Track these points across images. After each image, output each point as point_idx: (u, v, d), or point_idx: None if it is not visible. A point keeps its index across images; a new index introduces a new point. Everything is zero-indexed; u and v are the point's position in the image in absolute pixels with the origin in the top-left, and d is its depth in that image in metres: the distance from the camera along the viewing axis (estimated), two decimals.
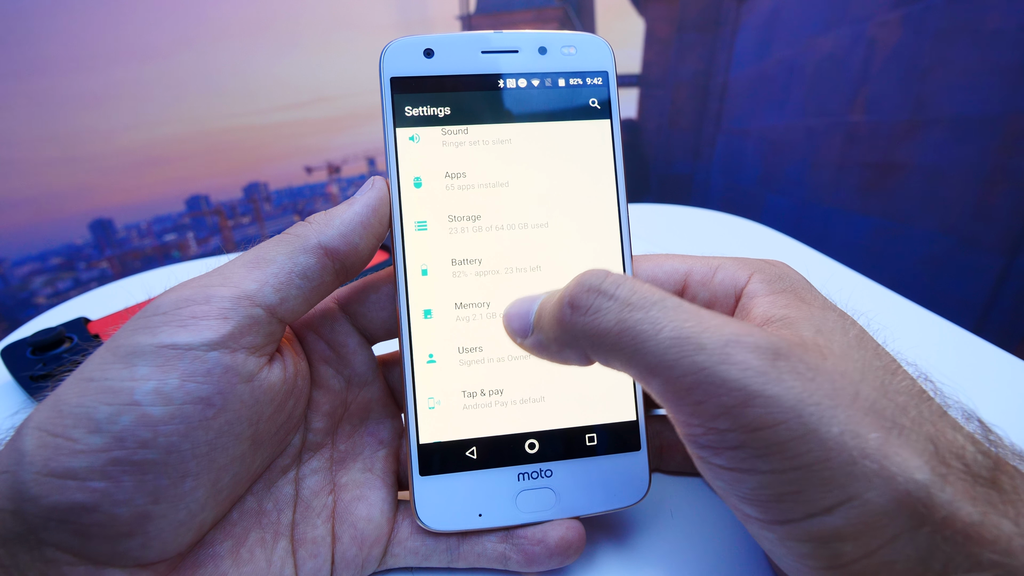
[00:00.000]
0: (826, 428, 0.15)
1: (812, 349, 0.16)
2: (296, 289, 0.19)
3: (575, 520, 0.22)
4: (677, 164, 1.20)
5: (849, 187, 0.91)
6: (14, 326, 0.41)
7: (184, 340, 0.17)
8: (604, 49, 0.23)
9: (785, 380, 0.15)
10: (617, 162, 0.23)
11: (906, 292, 0.40)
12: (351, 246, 0.20)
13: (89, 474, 0.15)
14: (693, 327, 0.16)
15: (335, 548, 0.21)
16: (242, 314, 0.18)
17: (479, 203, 0.22)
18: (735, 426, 0.15)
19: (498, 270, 0.22)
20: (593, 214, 0.23)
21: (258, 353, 0.19)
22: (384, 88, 0.22)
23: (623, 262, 0.23)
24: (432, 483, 0.21)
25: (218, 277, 0.19)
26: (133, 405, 0.16)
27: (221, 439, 0.18)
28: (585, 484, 0.22)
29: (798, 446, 0.15)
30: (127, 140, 0.88)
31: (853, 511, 0.15)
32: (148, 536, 0.17)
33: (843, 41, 0.88)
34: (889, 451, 0.15)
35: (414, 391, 0.22)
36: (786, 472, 0.15)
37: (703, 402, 0.15)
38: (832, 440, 0.15)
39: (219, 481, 0.18)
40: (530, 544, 0.21)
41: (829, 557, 0.15)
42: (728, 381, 0.15)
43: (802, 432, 0.15)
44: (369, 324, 0.23)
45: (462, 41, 0.22)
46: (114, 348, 0.17)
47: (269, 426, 0.20)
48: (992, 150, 0.72)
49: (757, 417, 0.15)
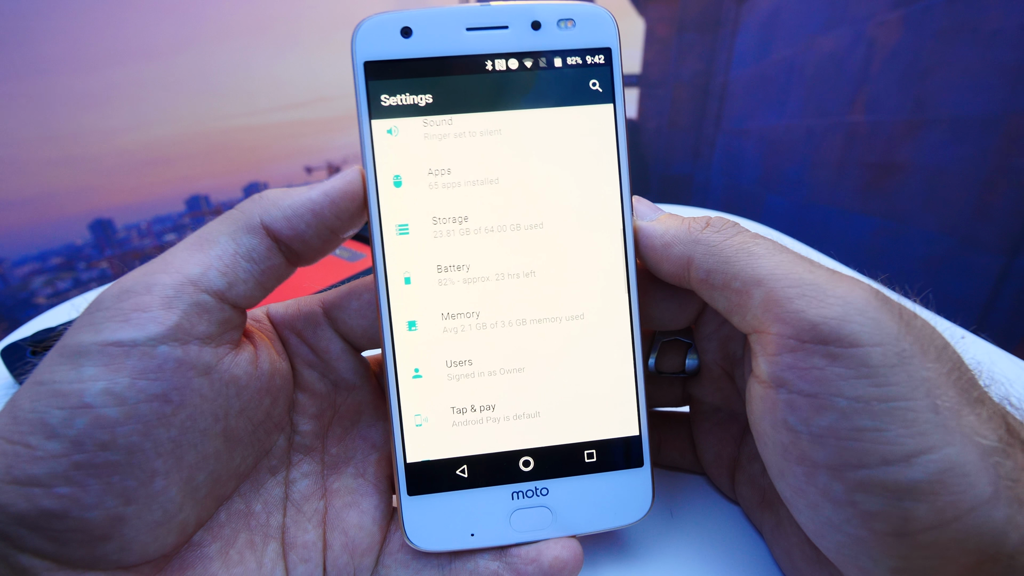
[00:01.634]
0: (916, 368, 0.15)
1: (907, 308, 0.16)
2: (244, 272, 0.18)
3: (572, 539, 0.21)
4: (677, 164, 1.20)
5: (849, 187, 0.91)
6: (14, 326, 0.40)
7: (128, 336, 0.16)
8: (607, 22, 0.21)
9: (885, 314, 0.15)
10: (621, 153, 0.21)
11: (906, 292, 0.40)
12: (295, 232, 0.19)
13: (53, 480, 0.15)
14: (807, 260, 0.17)
15: (326, 555, 0.20)
16: (187, 302, 0.17)
17: (466, 203, 0.20)
18: (834, 337, 0.15)
19: (488, 277, 0.21)
20: (593, 213, 0.21)
21: (214, 343, 0.18)
22: (357, 74, 0.19)
23: (627, 266, 0.21)
24: (421, 503, 0.20)
25: (160, 263, 0.17)
26: (85, 408, 0.15)
27: (186, 435, 0.17)
28: (583, 502, 0.21)
29: (889, 375, 0.15)
30: (127, 140, 0.88)
31: (933, 464, 0.14)
32: (125, 538, 0.16)
33: (843, 41, 0.88)
34: (964, 413, 0.15)
35: (399, 408, 0.20)
36: (871, 403, 0.15)
37: (804, 311, 0.16)
38: (921, 381, 0.15)
39: (193, 479, 0.17)
40: (523, 563, 0.20)
41: (900, 519, 0.14)
42: (834, 297, 0.15)
43: (896, 361, 0.15)
44: (350, 332, 0.22)
45: (444, 17, 0.20)
46: (61, 349, 0.16)
47: (242, 422, 0.19)
48: (992, 150, 0.72)
49: (855, 333, 0.15)
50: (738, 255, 0.18)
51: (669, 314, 0.22)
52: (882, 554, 0.15)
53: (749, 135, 1.09)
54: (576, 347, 0.21)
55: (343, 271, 0.48)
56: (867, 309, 0.15)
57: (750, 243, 0.18)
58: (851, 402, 0.15)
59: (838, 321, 0.15)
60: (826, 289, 0.16)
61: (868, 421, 0.15)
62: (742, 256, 0.18)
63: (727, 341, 0.23)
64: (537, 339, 0.21)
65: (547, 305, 0.21)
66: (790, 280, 0.16)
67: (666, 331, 0.24)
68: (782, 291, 0.16)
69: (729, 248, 0.18)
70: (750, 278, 0.17)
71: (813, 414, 0.16)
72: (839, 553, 0.16)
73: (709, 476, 0.26)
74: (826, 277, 0.16)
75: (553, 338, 0.21)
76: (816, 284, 0.16)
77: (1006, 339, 0.77)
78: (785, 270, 0.17)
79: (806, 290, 0.16)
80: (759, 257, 0.17)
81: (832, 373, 0.15)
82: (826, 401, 0.15)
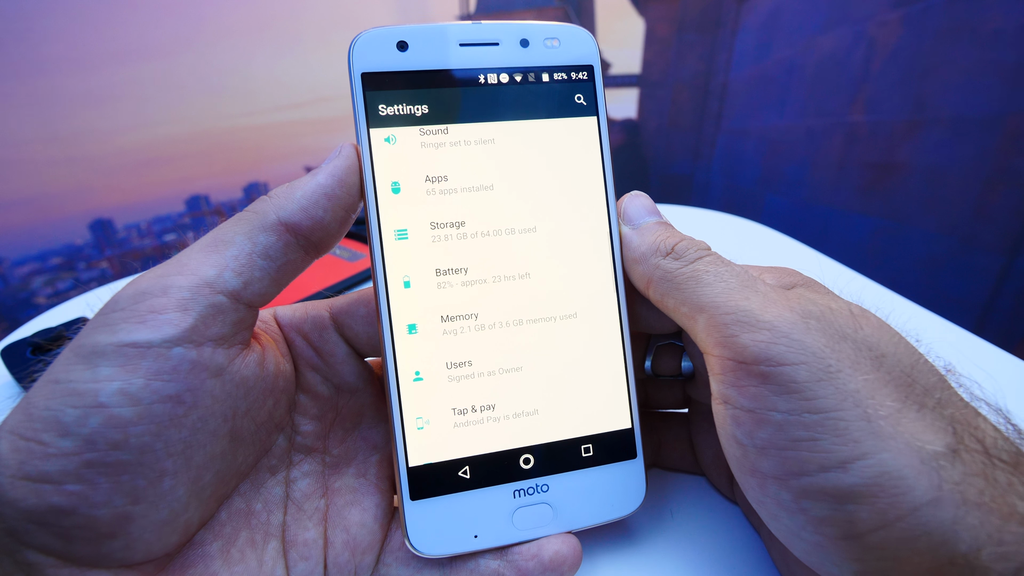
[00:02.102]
0: (844, 381, 0.16)
1: (847, 317, 0.17)
2: (260, 271, 0.18)
3: (571, 535, 0.21)
4: (677, 164, 1.20)
5: (849, 187, 0.91)
6: (14, 326, 0.41)
7: (144, 337, 0.16)
8: (589, 42, 0.22)
9: (812, 332, 0.17)
10: (605, 161, 0.22)
11: (906, 292, 0.40)
12: (314, 220, 0.19)
13: (63, 477, 0.15)
14: (748, 287, 0.18)
15: (327, 552, 0.20)
16: (203, 304, 0.17)
17: (463, 208, 0.21)
18: (763, 358, 0.16)
19: (485, 279, 0.21)
20: (582, 216, 0.22)
21: (227, 344, 0.18)
22: (355, 85, 0.20)
23: (613, 265, 0.22)
24: (424, 507, 0.20)
25: (175, 265, 0.18)
26: (100, 407, 0.15)
27: (196, 436, 0.17)
28: (582, 496, 0.21)
29: (815, 389, 0.16)
30: (127, 140, 0.88)
31: (867, 469, 0.15)
32: (131, 537, 0.16)
33: (843, 41, 0.88)
34: (904, 420, 0.15)
35: (401, 412, 0.20)
36: (802, 415, 0.16)
37: (737, 336, 0.17)
38: (849, 393, 0.15)
39: (200, 479, 0.18)
40: (524, 560, 0.20)
41: (845, 522, 0.15)
42: (762, 322, 0.17)
43: (820, 376, 0.16)
44: (356, 338, 0.22)
45: (438, 33, 0.21)
46: (76, 348, 0.16)
47: (246, 422, 0.19)
48: (992, 150, 0.72)
49: (780, 353, 0.16)
50: (687, 283, 0.19)
51: (654, 316, 0.23)
52: (841, 558, 0.16)
53: (749, 135, 1.09)
54: (570, 345, 0.22)
55: (343, 271, 0.48)
56: (792, 331, 0.17)
57: (703, 271, 0.19)
58: (785, 415, 0.16)
59: (766, 344, 0.17)
60: (757, 315, 0.17)
61: (803, 432, 0.16)
62: (691, 284, 0.19)
63: None
64: (533, 338, 0.22)
65: (542, 305, 0.22)
66: (727, 308, 0.18)
67: (660, 335, 0.24)
68: (720, 318, 0.18)
69: (681, 276, 0.20)
70: (695, 305, 0.19)
71: (755, 427, 0.17)
72: (808, 559, 0.17)
73: (708, 477, 0.26)
74: (760, 303, 0.18)
75: (549, 337, 0.22)
76: (749, 311, 0.18)
77: (1006, 339, 0.77)
78: (724, 299, 0.18)
79: (740, 316, 0.18)
80: (706, 285, 0.19)
81: (766, 390, 0.17)
82: (763, 415, 0.17)
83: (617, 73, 1.10)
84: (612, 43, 1.10)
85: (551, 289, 0.22)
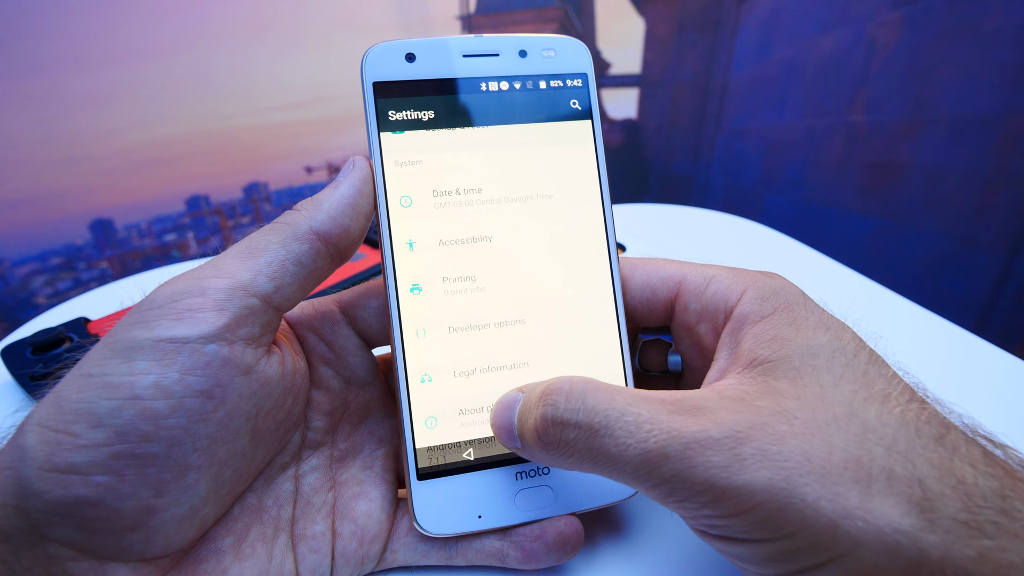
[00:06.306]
0: (800, 499, 0.15)
1: (778, 416, 0.16)
2: (291, 276, 0.19)
3: (572, 516, 0.22)
4: (677, 164, 1.20)
5: (849, 187, 0.91)
6: (14, 326, 0.41)
7: (181, 333, 0.17)
8: (582, 52, 0.24)
9: (750, 467, 0.16)
10: (600, 163, 0.24)
11: (906, 292, 0.40)
12: (342, 229, 0.20)
13: (92, 468, 0.16)
14: (656, 437, 0.17)
15: (335, 543, 0.21)
16: (237, 304, 0.18)
17: (469, 209, 0.23)
18: (715, 514, 0.16)
19: (492, 278, 0.23)
20: (579, 218, 0.23)
21: (255, 344, 0.19)
22: (367, 93, 0.22)
23: (609, 262, 0.23)
24: (430, 487, 0.21)
25: (211, 269, 0.19)
26: (134, 399, 0.16)
27: (221, 432, 0.18)
28: (582, 480, 0.22)
29: (777, 521, 0.15)
30: (127, 140, 0.88)
31: (843, 567, 0.15)
32: (151, 530, 0.17)
33: (843, 41, 0.88)
34: (871, 505, 0.15)
35: (410, 411, 0.22)
36: (772, 541, 0.16)
37: (683, 500, 0.17)
38: (809, 509, 0.15)
39: (221, 475, 0.18)
40: (528, 541, 0.21)
41: None
42: (696, 484, 0.16)
43: (777, 509, 0.15)
44: (368, 329, 0.23)
45: (443, 45, 0.23)
46: (111, 343, 0.17)
47: (267, 422, 0.20)
48: (992, 150, 0.72)
49: (732, 506, 0.16)
50: (596, 465, 0.18)
51: (640, 309, 0.23)
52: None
53: (749, 135, 1.09)
54: (572, 340, 0.23)
55: (345, 269, 0.48)
56: (731, 477, 0.16)
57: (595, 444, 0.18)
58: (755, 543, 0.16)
59: (714, 503, 0.16)
60: (687, 476, 0.17)
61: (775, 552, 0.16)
62: (600, 464, 0.18)
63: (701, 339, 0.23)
64: (538, 334, 0.23)
65: (546, 302, 0.23)
66: (654, 479, 0.17)
67: (647, 329, 0.25)
68: (653, 490, 0.17)
69: (584, 463, 0.19)
70: (622, 480, 0.18)
71: (728, 546, 0.17)
72: None
73: None
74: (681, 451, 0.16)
75: (552, 333, 0.23)
76: (677, 476, 0.17)
77: (1006, 339, 0.77)
78: (644, 469, 0.17)
79: (674, 484, 0.17)
80: (615, 461, 0.18)
81: (730, 531, 0.17)
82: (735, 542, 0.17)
83: (617, 73, 1.10)
84: (612, 43, 1.10)
85: (553, 286, 0.23)
